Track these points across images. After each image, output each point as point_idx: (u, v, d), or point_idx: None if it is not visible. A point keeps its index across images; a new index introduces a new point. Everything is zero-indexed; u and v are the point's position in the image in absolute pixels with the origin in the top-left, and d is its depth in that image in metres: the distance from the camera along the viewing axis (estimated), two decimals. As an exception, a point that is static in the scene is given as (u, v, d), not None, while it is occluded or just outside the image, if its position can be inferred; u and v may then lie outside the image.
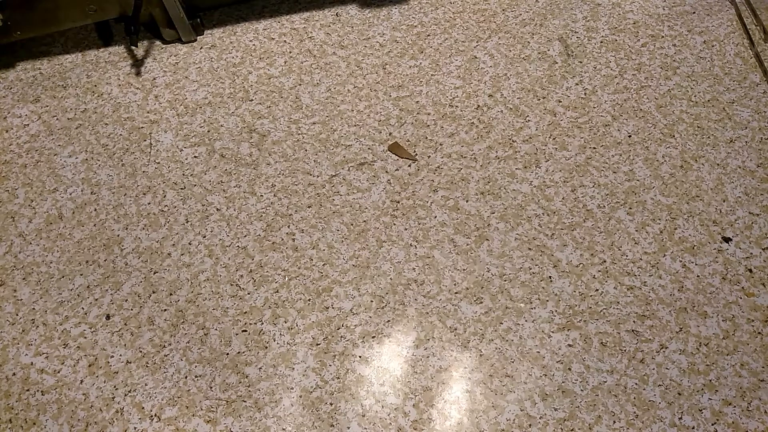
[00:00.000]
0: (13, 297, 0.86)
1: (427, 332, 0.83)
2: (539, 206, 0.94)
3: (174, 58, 1.14)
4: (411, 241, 0.90)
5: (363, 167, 0.98)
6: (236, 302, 0.85)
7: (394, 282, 0.87)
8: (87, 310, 0.85)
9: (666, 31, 1.18)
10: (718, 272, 0.87)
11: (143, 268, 0.89)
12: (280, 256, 0.90)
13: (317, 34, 1.17)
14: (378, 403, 0.77)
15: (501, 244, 0.90)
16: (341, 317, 0.84)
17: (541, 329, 0.82)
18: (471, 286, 0.86)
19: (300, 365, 0.80)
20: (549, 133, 1.02)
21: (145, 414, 0.77)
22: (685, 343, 0.81)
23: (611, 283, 0.86)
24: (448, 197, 0.95)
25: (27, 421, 0.76)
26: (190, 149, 1.01)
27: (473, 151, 1.00)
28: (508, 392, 0.78)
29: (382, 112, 1.05)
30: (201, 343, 0.82)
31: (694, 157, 0.99)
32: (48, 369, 0.80)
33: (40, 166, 1.00)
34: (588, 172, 0.97)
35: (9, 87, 1.10)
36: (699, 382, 0.78)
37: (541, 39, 1.16)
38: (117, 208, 0.95)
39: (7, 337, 0.83)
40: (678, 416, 0.75)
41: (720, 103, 1.06)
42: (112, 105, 1.07)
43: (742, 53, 1.13)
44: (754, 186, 0.96)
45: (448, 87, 1.08)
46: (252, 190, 0.96)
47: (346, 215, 0.93)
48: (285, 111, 1.05)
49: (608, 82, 1.09)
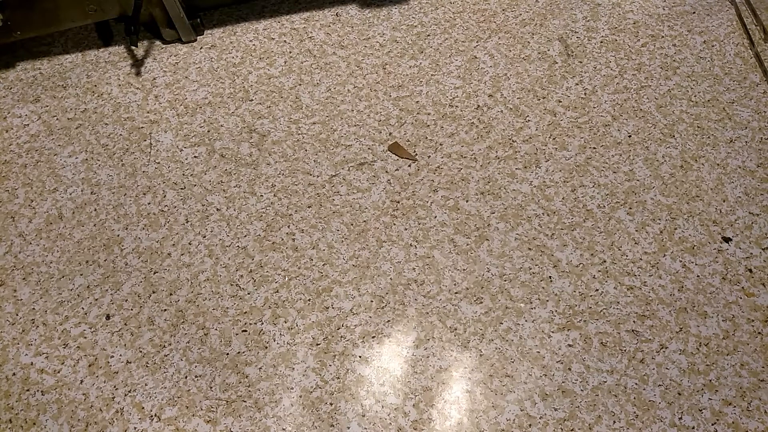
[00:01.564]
0: (13, 297, 0.86)
1: (427, 332, 0.83)
2: (539, 206, 0.94)
3: (174, 58, 1.14)
4: (411, 241, 0.91)
5: (363, 167, 0.98)
6: (236, 302, 0.85)
7: (394, 282, 0.87)
8: (87, 310, 0.85)
9: (666, 31, 1.18)
10: (718, 272, 0.87)
11: (143, 268, 0.89)
12: (280, 256, 0.90)
13: (317, 34, 1.17)
14: (378, 403, 0.77)
15: (501, 244, 0.90)
16: (341, 317, 0.84)
17: (541, 329, 0.82)
18: (471, 286, 0.86)
19: (300, 365, 0.80)
20: (549, 133, 1.02)
21: (145, 414, 0.77)
22: (685, 343, 0.81)
23: (611, 283, 0.86)
24: (448, 197, 0.95)
25: (27, 421, 0.76)
26: (190, 149, 1.01)
27: (473, 151, 1.00)
28: (508, 392, 0.78)
29: (382, 112, 1.05)
30: (201, 343, 0.82)
31: (694, 157, 0.99)
32: (48, 369, 0.80)
33: (40, 166, 1.00)
34: (588, 172, 0.97)
35: (9, 87, 1.11)
36: (699, 382, 0.78)
37: (541, 39, 1.16)
38: (117, 208, 0.95)
39: (7, 337, 0.83)
40: (678, 416, 0.75)
41: (720, 103, 1.06)
42: (112, 105, 1.07)
43: (742, 53, 1.13)
44: (754, 186, 0.96)
45: (448, 87, 1.08)
46: (252, 190, 0.96)
47: (346, 215, 0.94)
48: (285, 111, 1.06)
49: (608, 82, 1.09)
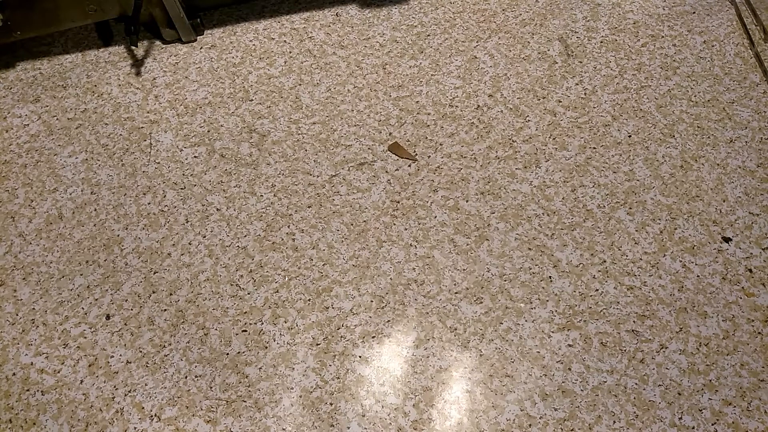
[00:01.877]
0: (13, 297, 0.86)
1: (427, 332, 0.83)
2: (539, 206, 0.94)
3: (174, 58, 1.14)
4: (411, 241, 0.91)
5: (363, 167, 0.98)
6: (236, 302, 0.85)
7: (394, 282, 0.87)
8: (87, 310, 0.85)
9: (666, 31, 1.18)
10: (718, 272, 0.87)
11: (143, 268, 0.89)
12: (280, 256, 0.90)
13: (317, 34, 1.17)
14: (378, 403, 0.77)
15: (501, 244, 0.90)
16: (341, 317, 0.84)
17: (541, 329, 0.82)
18: (471, 286, 0.86)
19: (300, 365, 0.80)
20: (549, 133, 1.02)
21: (145, 414, 0.77)
22: (685, 343, 0.81)
23: (611, 283, 0.86)
24: (448, 197, 0.95)
25: (27, 421, 0.76)
26: (190, 149, 1.01)
27: (473, 151, 1.00)
28: (508, 392, 0.78)
29: (382, 112, 1.05)
30: (201, 343, 0.82)
31: (694, 157, 0.99)
32: (48, 369, 0.80)
33: (40, 166, 1.00)
34: (588, 172, 0.97)
35: (9, 87, 1.11)
36: (699, 382, 0.78)
37: (541, 39, 1.16)
38: (117, 208, 0.95)
39: (7, 337, 0.83)
40: (678, 416, 0.75)
41: (720, 103, 1.06)
42: (112, 105, 1.07)
43: (742, 53, 1.13)
44: (754, 186, 0.96)
45: (448, 87, 1.08)
46: (252, 190, 0.96)
47: (346, 215, 0.94)
48: (285, 111, 1.06)
49: (608, 82, 1.09)
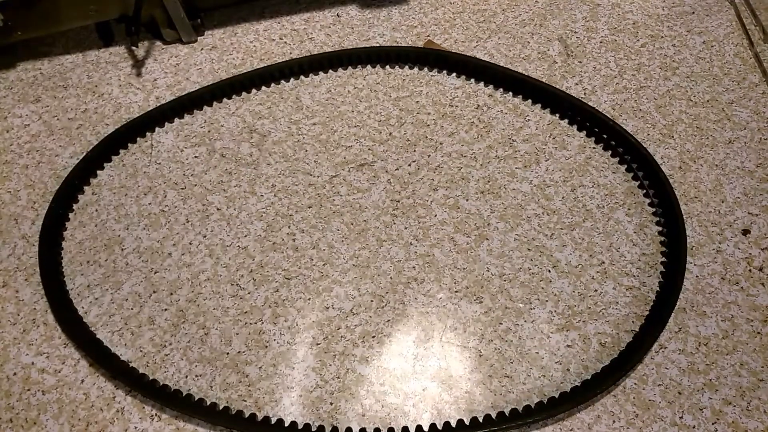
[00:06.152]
0: (15, 297, 0.87)
1: (427, 332, 0.83)
2: (539, 206, 0.94)
3: (175, 59, 1.14)
4: (411, 240, 0.91)
5: (363, 168, 0.99)
6: (236, 302, 0.86)
7: (394, 281, 0.87)
8: (87, 309, 0.85)
9: (665, 31, 1.18)
10: (717, 272, 0.87)
11: (144, 267, 0.89)
12: (281, 256, 0.90)
13: (317, 35, 1.17)
14: (378, 403, 0.77)
15: (501, 243, 0.90)
16: (341, 317, 0.84)
17: (540, 330, 0.83)
18: (471, 285, 0.86)
19: (300, 365, 0.80)
20: (549, 133, 1.02)
21: (146, 414, 0.77)
22: (684, 342, 0.81)
23: (610, 283, 0.87)
24: (448, 196, 0.95)
25: (27, 420, 0.77)
26: (191, 149, 1.02)
27: (473, 151, 1.00)
28: (507, 393, 0.78)
29: (382, 112, 1.05)
30: (201, 343, 0.82)
31: (693, 158, 0.99)
32: (49, 369, 0.80)
33: (41, 167, 1.00)
34: (588, 172, 0.98)
35: (9, 87, 1.11)
36: (699, 381, 0.78)
37: (541, 39, 1.16)
38: (118, 209, 0.95)
39: (8, 337, 0.83)
40: (679, 415, 0.76)
41: (719, 104, 1.06)
42: (113, 105, 1.07)
43: (742, 53, 1.13)
44: (753, 186, 0.96)
45: (448, 87, 1.09)
46: (252, 190, 0.97)
47: (346, 215, 0.94)
48: (285, 111, 1.06)
49: (608, 82, 1.09)
